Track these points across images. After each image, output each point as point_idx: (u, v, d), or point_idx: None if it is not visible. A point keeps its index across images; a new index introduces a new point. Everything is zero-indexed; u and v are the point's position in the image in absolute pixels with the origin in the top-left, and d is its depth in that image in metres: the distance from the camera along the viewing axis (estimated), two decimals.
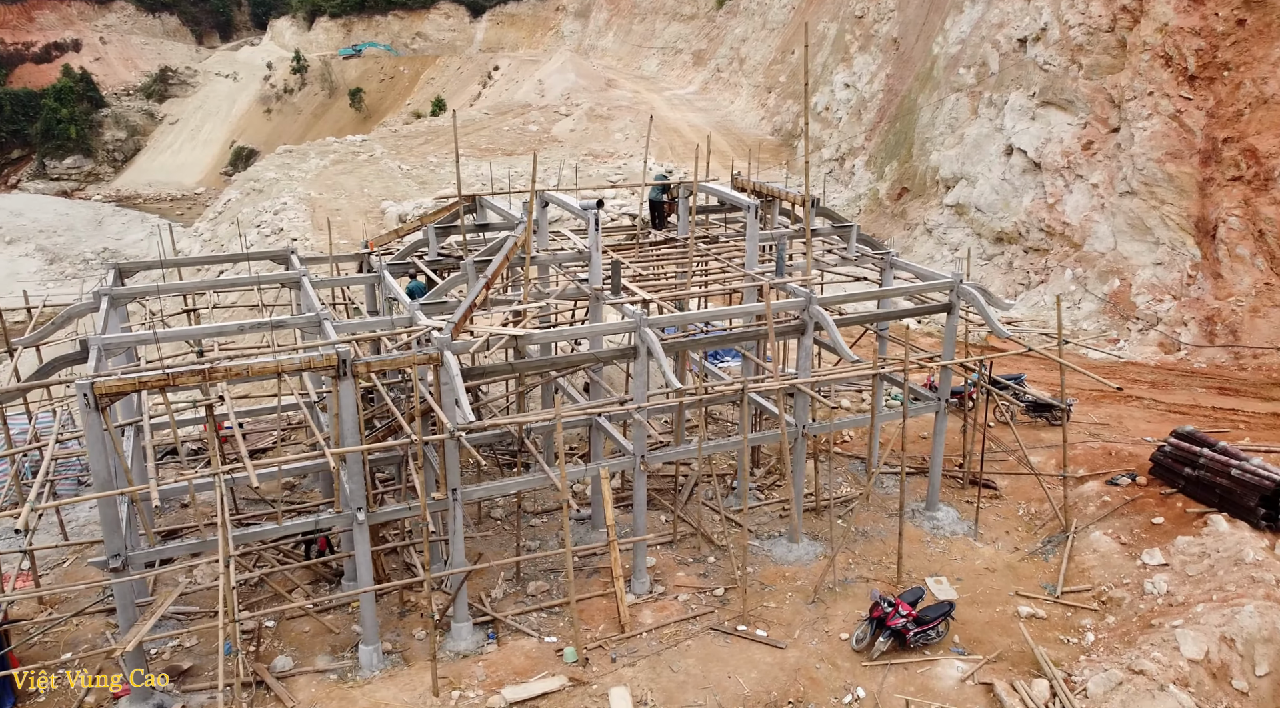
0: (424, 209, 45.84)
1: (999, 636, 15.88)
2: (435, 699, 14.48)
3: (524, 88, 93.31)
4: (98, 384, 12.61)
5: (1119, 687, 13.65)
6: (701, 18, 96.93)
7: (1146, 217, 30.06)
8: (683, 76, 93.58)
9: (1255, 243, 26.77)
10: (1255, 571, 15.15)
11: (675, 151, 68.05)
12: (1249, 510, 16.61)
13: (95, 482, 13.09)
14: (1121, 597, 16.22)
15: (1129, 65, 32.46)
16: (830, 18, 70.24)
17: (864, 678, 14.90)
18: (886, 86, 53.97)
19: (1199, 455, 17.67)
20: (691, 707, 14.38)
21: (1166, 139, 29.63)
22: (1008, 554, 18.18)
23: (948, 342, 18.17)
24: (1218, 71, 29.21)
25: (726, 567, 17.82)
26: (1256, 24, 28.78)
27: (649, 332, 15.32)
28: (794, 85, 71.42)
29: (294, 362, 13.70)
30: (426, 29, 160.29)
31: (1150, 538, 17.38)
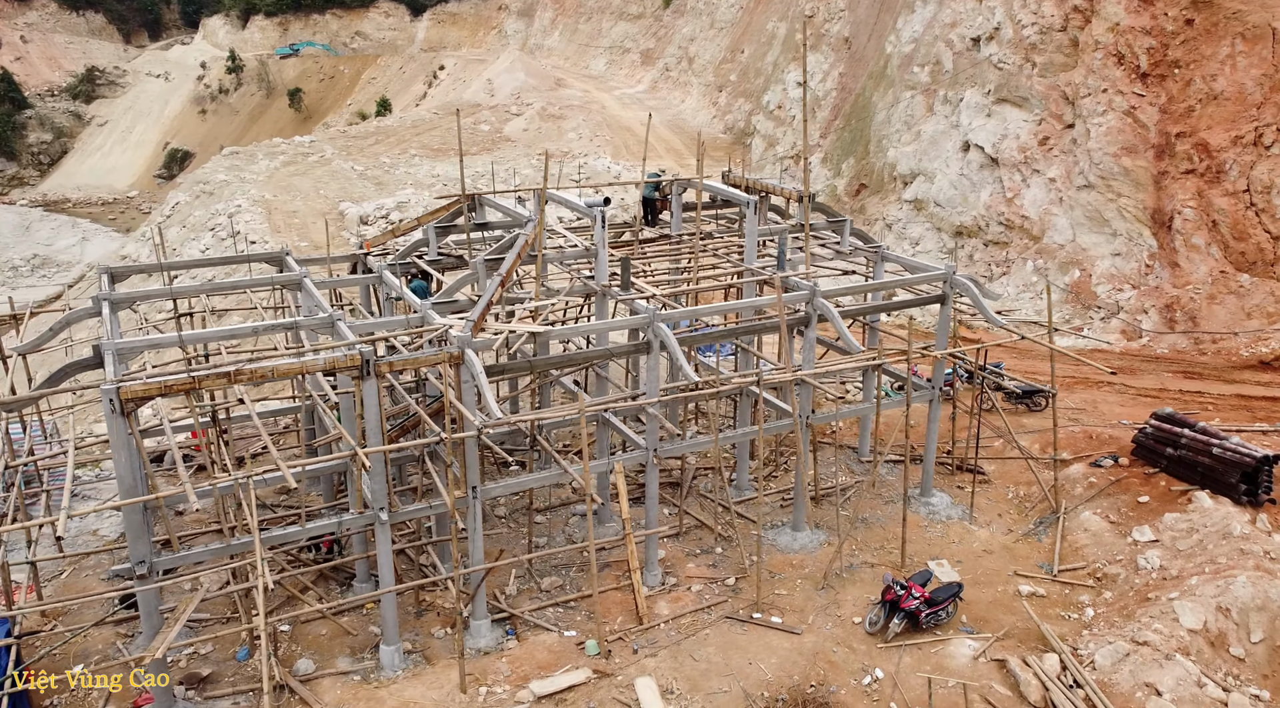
0: (385, 210, 45.43)
1: (1003, 614, 16.48)
2: (463, 696, 14.55)
3: (473, 87, 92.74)
4: (124, 389, 12.44)
5: (1126, 658, 14.30)
6: (649, 17, 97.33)
7: (1104, 209, 31.18)
8: (631, 76, 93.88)
9: (1210, 233, 27.99)
10: (1243, 543, 15.97)
11: (630, 150, 68.33)
12: (1231, 487, 17.47)
13: (121, 488, 12.89)
14: (1116, 573, 16.94)
15: (1082, 63, 33.62)
16: (779, 17, 71.19)
17: (880, 659, 15.35)
18: (840, 85, 54.92)
19: (1180, 436, 18.52)
20: (717, 693, 14.68)
21: (1122, 134, 30.77)
22: (1002, 536, 18.84)
23: (941, 332, 18.74)
24: (1169, 69, 30.44)
25: (734, 557, 18.16)
26: (1204, 24, 30.07)
27: (663, 326, 15.57)
28: (744, 84, 72.23)
29: (318, 362, 13.65)
30: (366, 28, 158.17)
31: (1138, 516, 18.17)
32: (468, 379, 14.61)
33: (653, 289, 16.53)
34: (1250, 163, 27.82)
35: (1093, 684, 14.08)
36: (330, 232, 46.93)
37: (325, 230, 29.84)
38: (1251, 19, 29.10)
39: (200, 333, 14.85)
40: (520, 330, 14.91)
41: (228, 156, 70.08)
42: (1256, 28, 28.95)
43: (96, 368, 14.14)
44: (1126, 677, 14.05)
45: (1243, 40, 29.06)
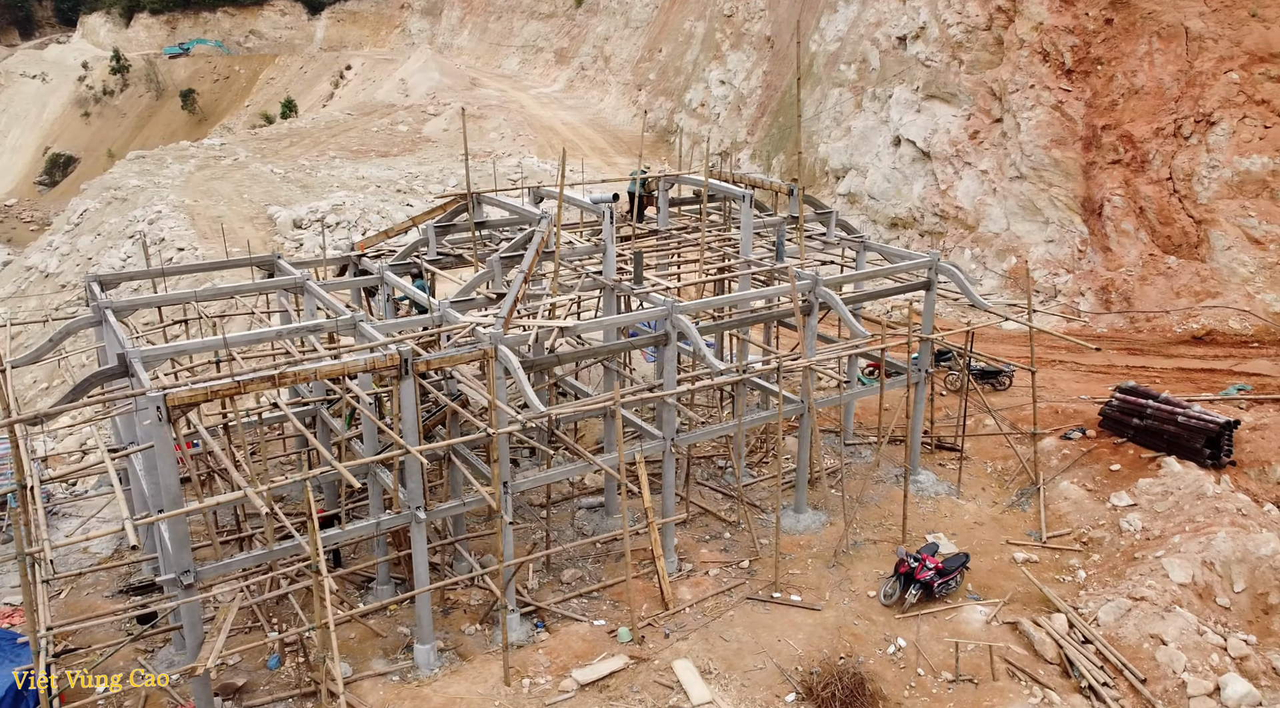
0: (320, 213, 44.49)
1: (1003, 580, 17.49)
2: (508, 689, 14.72)
3: (385, 87, 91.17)
4: (170, 396, 12.22)
5: (1129, 613, 15.42)
6: (561, 16, 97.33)
7: (1036, 198, 32.92)
8: (546, 75, 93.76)
9: (1138, 219, 29.92)
10: (1217, 502, 17.35)
11: (555, 149, 68.28)
12: (1196, 452, 18.92)
13: (166, 496, 12.63)
14: (1101, 536, 18.16)
15: (1008, 61, 35.38)
16: (696, 16, 72.27)
17: (900, 629, 16.15)
18: (764, 83, 56.20)
19: (1145, 407, 19.93)
20: (753, 671, 15.22)
21: (1051, 127, 32.55)
22: (989, 508, 19.93)
23: (926, 317, 19.70)
24: (1092, 65, 32.36)
25: (743, 540, 18.74)
26: (1122, 23, 32.08)
27: (683, 317, 16.01)
28: (664, 83, 73.05)
29: (359, 363, 13.63)
30: (261, 26, 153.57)
31: (1113, 483, 19.48)
32: (499, 376, 14.78)
33: (666, 282, 16.92)
34: (1171, 153, 29.84)
35: (1101, 639, 15.15)
36: (261, 236, 45.77)
37: (254, 235, 29.17)
38: (1165, 18, 31.19)
39: (212, 340, 14.58)
40: (550, 326, 15.13)
41: (134, 161, 67.31)
42: (1170, 27, 31.04)
43: (121, 377, 13.79)
44: (1131, 630, 15.17)
45: (1158, 39, 31.12)
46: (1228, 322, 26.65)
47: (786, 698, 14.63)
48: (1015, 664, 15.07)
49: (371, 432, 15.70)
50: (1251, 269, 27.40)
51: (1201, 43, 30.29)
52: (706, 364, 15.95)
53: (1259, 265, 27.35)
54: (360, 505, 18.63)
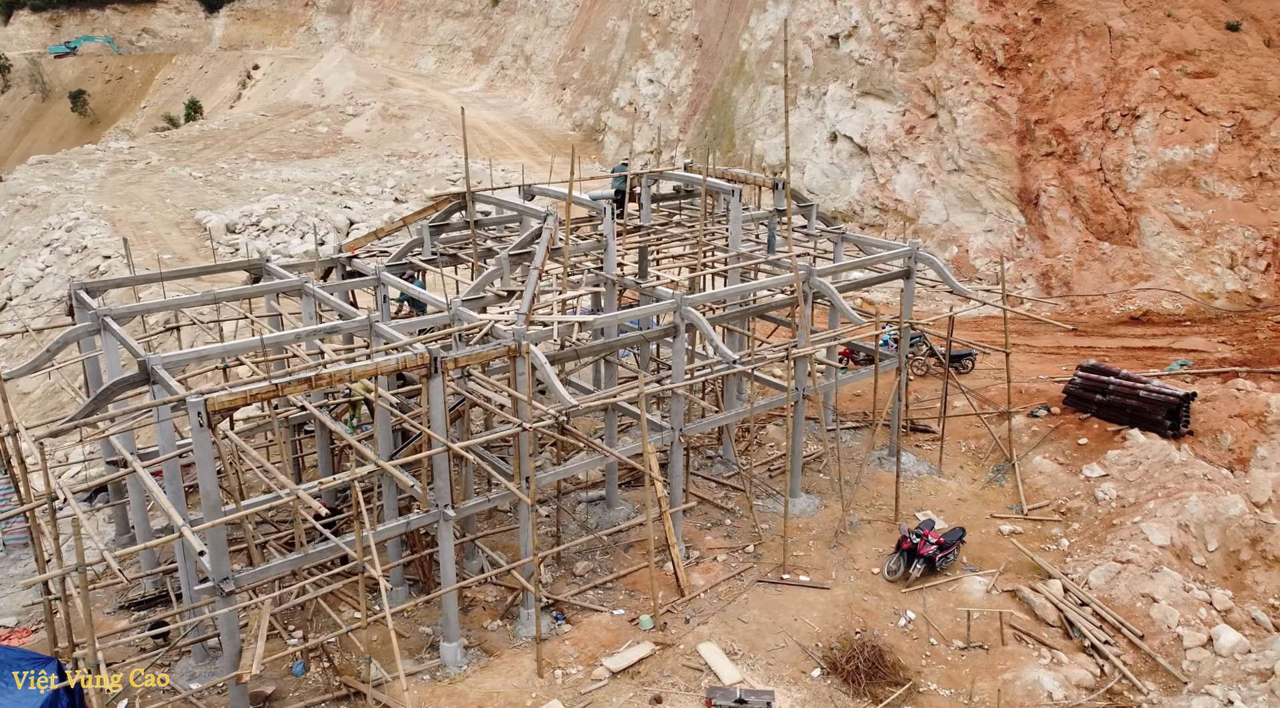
0: (255, 216, 43.32)
1: (993, 552, 18.43)
2: (541, 680, 14.91)
3: (299, 88, 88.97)
4: (210, 401, 12.05)
5: (1118, 576, 16.49)
6: (477, 15, 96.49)
7: (974, 190, 34.42)
8: (465, 74, 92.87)
9: (1072, 208, 31.59)
10: (1185, 469, 18.64)
11: (483, 149, 67.77)
12: (1157, 423, 20.24)
13: (205, 503, 12.44)
14: (1079, 506, 19.29)
15: (941, 58, 36.83)
16: (619, 16, 72.66)
17: (908, 602, 16.89)
18: (695, 81, 56.97)
19: (1108, 383, 21.20)
20: (775, 649, 15.74)
21: (986, 122, 34.07)
22: (969, 485, 20.91)
23: (906, 304, 20.55)
24: (1023, 63, 33.99)
25: (743, 526, 19.25)
26: (1050, 22, 33.78)
27: (692, 309, 16.42)
28: (589, 82, 73.24)
29: (390, 363, 13.63)
30: (154, 25, 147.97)
31: (1083, 456, 20.68)
32: (522, 371, 14.95)
33: (671, 275, 17.29)
34: (1101, 145, 31.60)
35: (1097, 601, 16.16)
36: (191, 243, 44.36)
37: (182, 241, 28.44)
38: (1090, 18, 32.99)
39: (234, 343, 14.38)
40: (570, 321, 15.35)
41: (37, 166, 64.31)
42: (1094, 26, 32.85)
43: (141, 385, 13.47)
44: (1123, 591, 16.23)
45: (1084, 37, 32.89)
46: (1161, 302, 28.41)
47: (812, 674, 15.19)
48: (1020, 629, 15.96)
49: (386, 433, 15.64)
50: (1180, 253, 29.25)
51: (1124, 41, 32.13)
52: (719, 355, 16.37)
53: (1186, 249, 29.23)
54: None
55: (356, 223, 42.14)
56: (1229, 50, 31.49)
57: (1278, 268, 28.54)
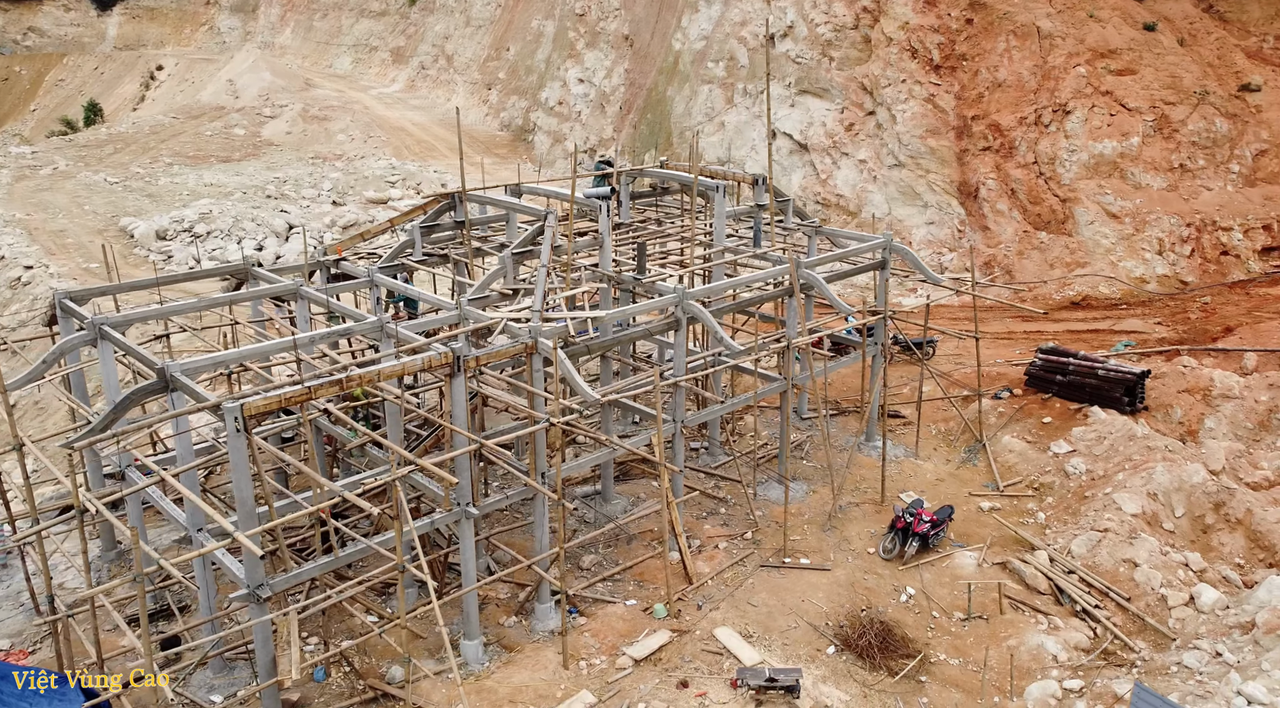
0: (188, 222, 41.98)
1: (976, 528, 19.33)
2: (567, 672, 15.10)
3: (209, 89, 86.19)
4: (247, 405, 11.92)
5: (1099, 544, 17.52)
6: (394, 14, 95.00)
7: (915, 184, 35.68)
8: (383, 74, 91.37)
9: (1010, 200, 33.07)
10: (1147, 441, 19.86)
11: (410, 150, 67.02)
12: (1116, 400, 21.48)
13: (241, 508, 12.28)
14: (1051, 481, 20.36)
15: (878, 57, 38.04)
16: (544, 15, 72.53)
17: (906, 579, 17.62)
18: (628, 81, 57.35)
19: (1068, 364, 22.39)
20: (788, 630, 16.25)
21: (925, 119, 35.35)
22: (944, 466, 21.83)
23: (881, 294, 21.34)
24: (958, 61, 35.38)
25: (738, 514, 19.73)
26: (982, 22, 35.25)
27: (694, 303, 16.81)
28: (516, 82, 72.95)
29: (416, 363, 13.65)
30: (42, 23, 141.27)
31: (1049, 434, 21.80)
32: (538, 368, 15.12)
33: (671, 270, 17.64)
34: (1035, 139, 33.15)
35: (1083, 569, 17.15)
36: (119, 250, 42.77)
37: (106, 250, 27.58)
38: (1019, 19, 34.56)
39: (259, 346, 14.18)
40: (581, 317, 15.56)
41: None
42: (1024, 26, 34.43)
43: (160, 392, 13.19)
44: (1105, 557, 17.25)
45: (1015, 37, 34.43)
46: (1098, 288, 30.01)
47: (828, 651, 15.74)
48: (1015, 599, 16.82)
49: (397, 436, 15.60)
50: (1112, 240, 30.93)
51: (1052, 41, 33.78)
52: (724, 346, 16.81)
53: (1118, 237, 30.91)
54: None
55: (295, 227, 41.25)
56: (1147, 49, 33.40)
57: (1201, 253, 30.43)
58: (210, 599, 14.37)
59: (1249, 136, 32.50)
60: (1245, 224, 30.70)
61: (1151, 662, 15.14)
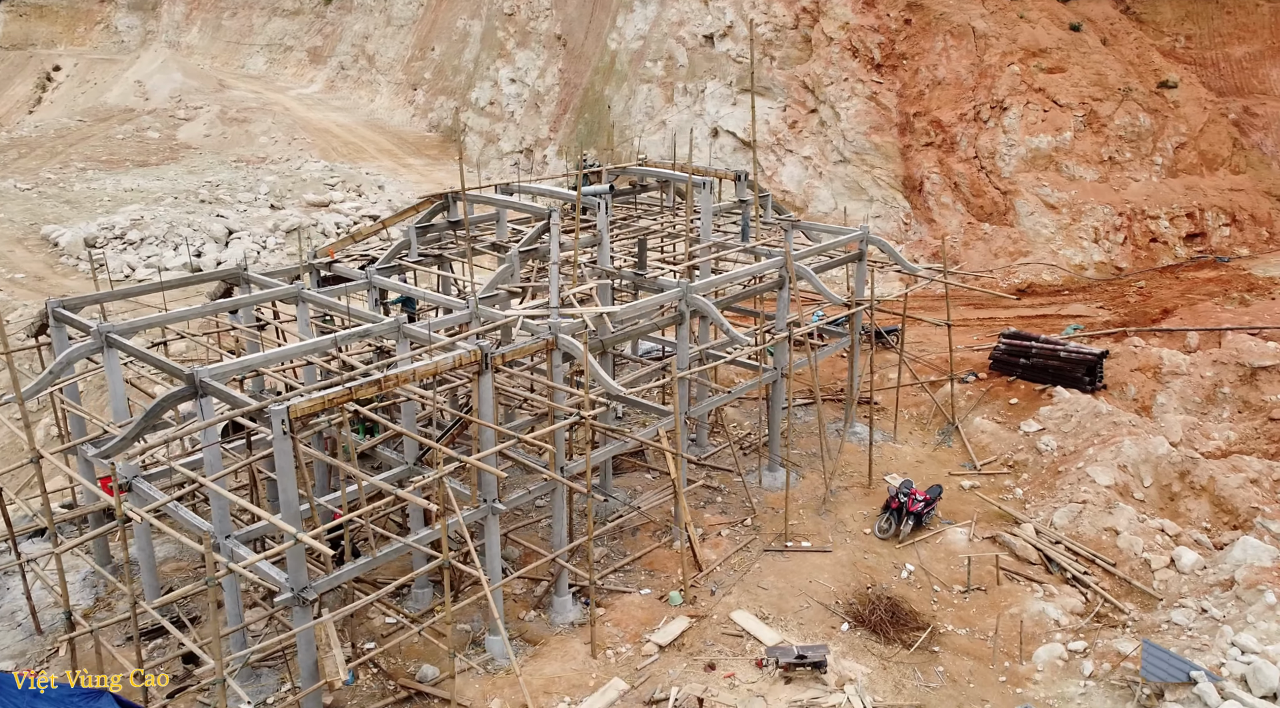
0: (119, 229, 40.46)
1: (960, 505, 20.24)
2: (596, 661, 15.36)
3: (116, 90, 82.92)
4: (293, 407, 11.85)
5: (1080, 515, 18.57)
6: (309, 13, 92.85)
7: (861, 180, 36.82)
8: (301, 75, 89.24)
9: (954, 193, 34.42)
10: (1112, 417, 21.07)
11: (337, 151, 65.73)
12: (1078, 380, 22.72)
13: (285, 511, 12.18)
14: (1025, 459, 21.42)
15: (819, 57, 39.10)
16: (470, 15, 71.97)
17: (904, 556, 18.38)
18: (562, 80, 57.43)
19: (1031, 347, 23.56)
20: (801, 610, 16.81)
21: (869, 116, 36.51)
22: (920, 448, 22.74)
23: (858, 284, 22.11)
24: (898, 60, 36.63)
25: (734, 502, 20.23)
26: (919, 23, 36.57)
27: (699, 296, 17.23)
28: (443, 82, 72.19)
29: (448, 362, 13.72)
30: None
31: (1017, 414, 22.92)
32: (558, 364, 15.34)
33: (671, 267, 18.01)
34: (975, 135, 34.59)
35: (1068, 539, 18.16)
36: (43, 259, 41.03)
37: (30, 258, 26.75)
38: (955, 19, 35.98)
39: (287, 349, 14.03)
40: (596, 312, 15.80)
41: None
42: (960, 26, 35.86)
43: (188, 398, 12.96)
44: (1088, 527, 18.30)
45: (951, 36, 35.84)
46: (1041, 275, 31.52)
47: (842, 628, 16.35)
48: (1008, 570, 17.72)
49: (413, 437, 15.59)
50: (1052, 230, 32.52)
51: (987, 40, 35.28)
52: (730, 336, 17.27)
53: (1057, 227, 32.52)
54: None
55: (236, 232, 40.19)
56: (1074, 49, 35.18)
57: (1133, 241, 32.24)
58: (238, 607, 14.16)
59: (1169, 131, 34.54)
60: (1171, 212, 32.64)
61: (1142, 621, 16.17)
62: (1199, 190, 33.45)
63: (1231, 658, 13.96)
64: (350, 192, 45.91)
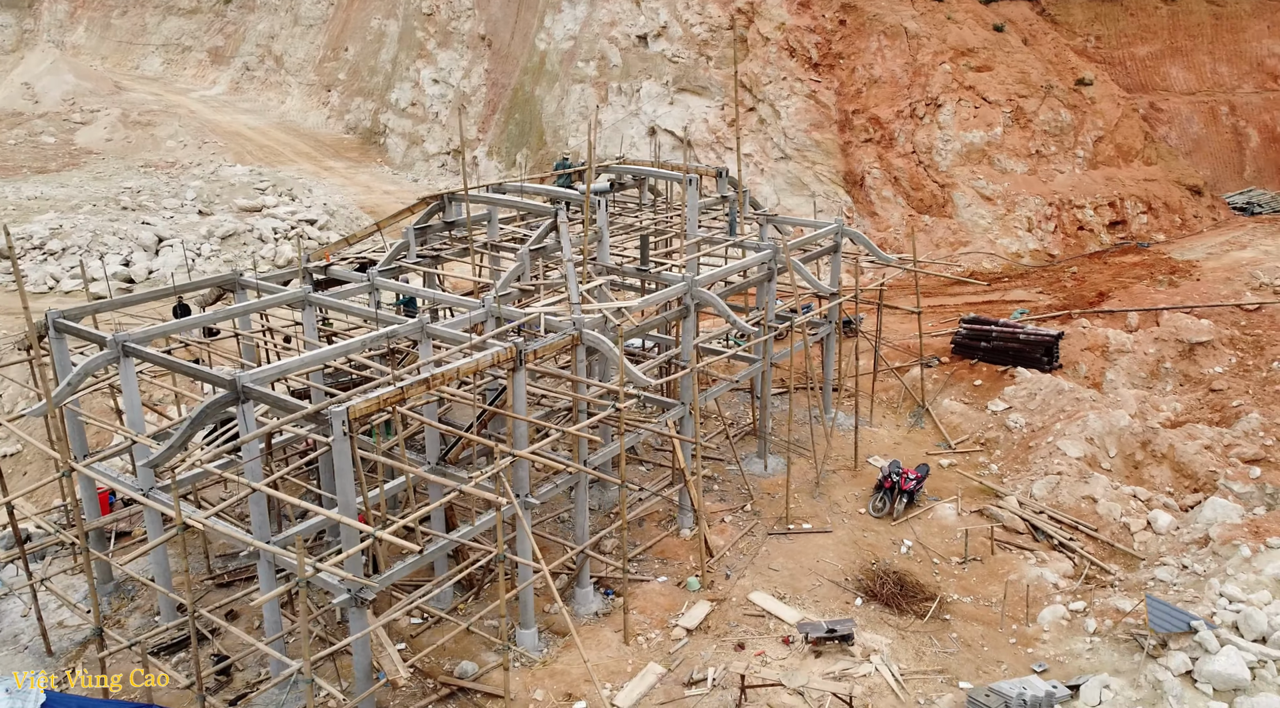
0: (37, 238, 38.52)
1: (942, 483, 21.25)
2: (629, 648, 15.68)
3: (0, 93, 78.52)
4: (352, 408, 11.85)
5: (1058, 485, 19.77)
6: (207, 12, 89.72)
7: (802, 176, 37.89)
8: (202, 76, 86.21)
9: (894, 187, 35.80)
10: (1074, 394, 22.43)
11: (252, 155, 63.81)
12: (1037, 360, 24.06)
13: (345, 512, 12.13)
14: (996, 436, 22.60)
15: (756, 56, 40.04)
16: (384, 15, 70.78)
17: (900, 532, 19.24)
18: (489, 81, 57.13)
19: (991, 331, 24.82)
20: (814, 588, 17.47)
21: (809, 114, 37.61)
22: (895, 431, 23.73)
23: (834, 275, 22.94)
24: (835, 60, 37.84)
25: (730, 490, 20.79)
26: (854, 24, 37.86)
27: (704, 290, 17.71)
28: (359, 83, 70.80)
29: (487, 359, 13.85)
30: None
31: (983, 394, 24.12)
32: (582, 359, 15.60)
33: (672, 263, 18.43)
34: (912, 131, 36.03)
35: (1050, 509, 19.32)
36: None
37: None
38: (888, 20, 37.38)
39: (317, 352, 13.90)
40: (614, 307, 16.10)
41: None
42: (893, 27, 37.28)
43: (232, 405, 12.75)
44: (1066, 496, 19.51)
45: (885, 37, 37.23)
46: (982, 263, 33.09)
47: (855, 603, 17.06)
48: (1000, 540, 18.75)
49: (434, 437, 15.63)
50: (989, 220, 34.16)
51: (919, 40, 36.78)
52: (737, 327, 17.80)
53: (993, 217, 34.18)
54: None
55: (167, 239, 38.77)
56: (999, 48, 36.99)
57: (1063, 229, 34.14)
58: (276, 615, 13.97)
59: (1088, 125, 36.67)
60: (1094, 202, 34.69)
61: (1128, 581, 17.37)
62: (1118, 181, 35.64)
63: (1221, 608, 15.18)
64: (282, 196, 44.75)
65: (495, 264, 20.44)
